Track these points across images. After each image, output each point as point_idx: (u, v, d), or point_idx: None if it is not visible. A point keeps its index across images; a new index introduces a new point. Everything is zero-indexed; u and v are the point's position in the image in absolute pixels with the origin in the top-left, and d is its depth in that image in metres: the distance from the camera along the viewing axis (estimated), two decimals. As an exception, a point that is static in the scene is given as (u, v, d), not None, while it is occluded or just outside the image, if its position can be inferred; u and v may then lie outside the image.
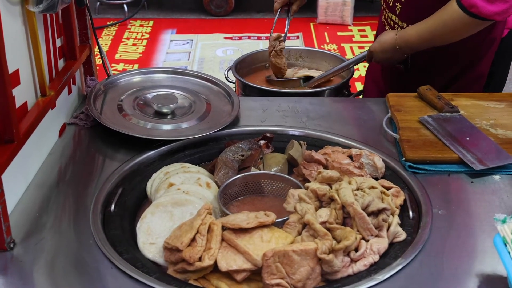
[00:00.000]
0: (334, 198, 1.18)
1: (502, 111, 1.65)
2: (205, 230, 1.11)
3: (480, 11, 1.58)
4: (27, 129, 1.27)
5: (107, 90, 1.73)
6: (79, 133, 1.60)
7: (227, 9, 5.68)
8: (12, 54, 1.21)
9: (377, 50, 1.84)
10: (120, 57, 4.80)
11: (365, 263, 1.13)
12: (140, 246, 1.19)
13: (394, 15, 1.83)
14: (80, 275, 1.11)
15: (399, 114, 1.62)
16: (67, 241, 1.20)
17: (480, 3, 1.57)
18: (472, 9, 1.58)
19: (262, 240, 1.11)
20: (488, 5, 1.57)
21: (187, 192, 1.29)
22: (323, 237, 1.09)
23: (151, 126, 1.58)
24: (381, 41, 1.82)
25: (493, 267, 1.11)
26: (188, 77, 1.84)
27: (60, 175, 1.42)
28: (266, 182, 1.37)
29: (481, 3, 1.57)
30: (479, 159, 1.41)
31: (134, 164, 1.45)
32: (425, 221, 1.24)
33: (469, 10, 1.59)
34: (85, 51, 1.71)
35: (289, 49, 2.24)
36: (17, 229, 1.21)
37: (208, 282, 1.10)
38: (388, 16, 1.87)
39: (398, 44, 1.76)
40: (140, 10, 5.65)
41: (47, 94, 1.42)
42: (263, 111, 1.72)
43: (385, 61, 1.86)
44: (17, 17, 1.29)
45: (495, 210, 1.27)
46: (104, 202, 1.32)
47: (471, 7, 1.58)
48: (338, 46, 4.98)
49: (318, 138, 1.57)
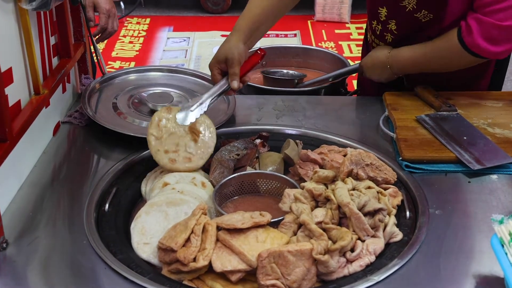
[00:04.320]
0: (330, 198, 1.17)
1: (500, 110, 1.64)
2: (199, 230, 1.10)
3: (483, 52, 1.52)
4: (21, 128, 1.26)
5: (102, 88, 1.72)
6: (73, 132, 1.59)
7: (224, 6, 5.67)
8: (5, 52, 1.20)
9: (368, 65, 1.76)
10: (117, 55, 4.78)
11: (361, 263, 1.12)
12: (134, 246, 1.18)
13: (382, 42, 1.74)
14: (73, 275, 1.10)
15: (396, 113, 1.61)
16: (60, 241, 1.19)
17: (483, 45, 1.50)
18: (474, 49, 1.51)
19: (257, 240, 1.10)
20: (492, 47, 1.50)
21: (182, 192, 1.28)
22: (319, 238, 1.09)
23: (146, 125, 1.57)
24: (373, 56, 1.74)
25: (490, 267, 1.10)
26: (184, 75, 1.83)
27: (54, 174, 1.41)
28: (261, 181, 1.36)
29: (484, 44, 1.49)
30: (477, 159, 1.40)
31: (128, 163, 1.44)
32: (421, 221, 1.24)
33: (471, 50, 1.52)
34: (80, 49, 1.70)
35: (285, 47, 2.23)
36: (10, 229, 1.20)
37: (203, 282, 1.09)
38: (372, 39, 1.78)
39: (389, 63, 1.67)
40: (136, 8, 5.63)
41: (41, 93, 1.40)
42: (259, 109, 1.71)
43: (374, 77, 1.77)
44: (9, 14, 1.28)
45: (492, 210, 1.26)
46: (98, 201, 1.31)
47: (472, 46, 1.51)
48: (336, 44, 4.98)
49: (314, 137, 1.56)
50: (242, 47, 1.51)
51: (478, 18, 1.49)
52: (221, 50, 1.52)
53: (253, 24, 1.56)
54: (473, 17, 1.50)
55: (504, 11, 1.46)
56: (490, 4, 1.47)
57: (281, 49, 2.25)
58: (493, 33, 1.49)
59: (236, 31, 1.55)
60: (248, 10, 1.59)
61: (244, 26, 1.55)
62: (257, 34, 1.58)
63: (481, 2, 1.48)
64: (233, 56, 1.49)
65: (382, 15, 1.66)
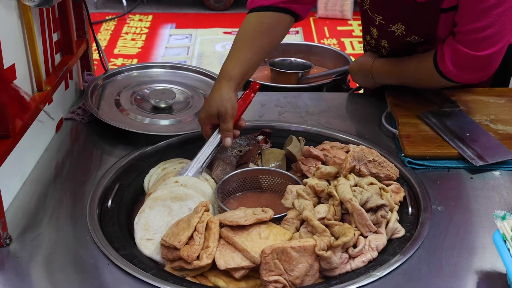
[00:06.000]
0: (333, 194, 1.17)
1: (503, 107, 1.64)
2: (202, 228, 1.10)
3: (456, 78, 1.50)
4: (23, 125, 1.26)
5: (104, 85, 1.72)
6: (76, 129, 1.59)
7: (226, 3, 5.67)
8: (7, 49, 1.20)
9: (354, 71, 1.77)
10: (119, 52, 4.78)
11: (363, 259, 1.12)
12: (137, 242, 1.18)
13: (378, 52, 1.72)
14: (76, 271, 1.10)
15: (398, 109, 1.61)
16: (64, 237, 1.19)
17: (455, 72, 1.48)
18: (447, 75, 1.49)
19: (260, 237, 1.10)
20: (464, 74, 1.49)
21: (185, 185, 1.28)
22: (322, 234, 1.09)
23: (148, 121, 1.57)
24: (359, 62, 1.75)
25: (492, 264, 1.10)
26: (186, 72, 1.83)
27: (57, 171, 1.41)
28: (264, 178, 1.36)
29: (456, 72, 1.48)
30: (479, 155, 1.40)
31: (131, 160, 1.44)
32: (424, 217, 1.24)
33: (444, 75, 1.50)
34: (82, 45, 1.70)
35: (288, 44, 2.22)
36: (13, 225, 1.20)
37: (206, 279, 1.09)
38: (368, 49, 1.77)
39: (372, 72, 1.68)
40: (139, 5, 5.64)
41: (44, 89, 1.40)
42: (261, 106, 1.71)
43: (360, 83, 1.80)
44: (12, 11, 1.28)
45: (495, 206, 1.26)
46: (101, 197, 1.31)
47: (446, 72, 1.49)
48: (338, 40, 4.97)
49: (316, 134, 1.56)
50: (234, 98, 1.36)
51: (453, 46, 1.46)
52: (212, 104, 1.36)
53: (245, 70, 1.41)
54: (449, 44, 1.48)
55: (479, 42, 1.43)
56: (466, 33, 1.44)
57: (284, 46, 2.24)
58: (466, 62, 1.47)
59: (227, 81, 1.37)
60: (237, 51, 1.43)
61: (237, 74, 1.39)
62: (246, 78, 1.44)
63: (458, 30, 1.45)
64: (226, 111, 1.34)
65: (374, 34, 1.66)
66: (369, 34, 1.68)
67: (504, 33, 1.43)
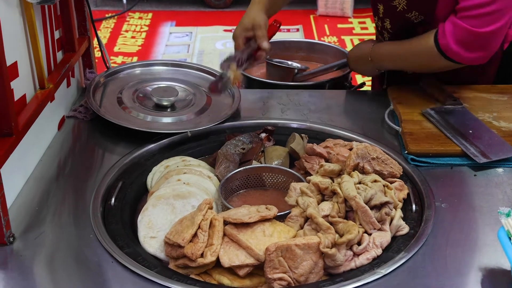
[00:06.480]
0: (337, 192, 1.17)
1: (505, 104, 1.64)
2: (206, 225, 1.10)
3: (455, 56, 1.49)
4: (26, 122, 1.26)
5: (106, 82, 1.72)
6: (78, 126, 1.59)
7: (227, 1, 5.66)
8: (10, 47, 1.20)
9: (352, 57, 1.78)
10: (119, 50, 4.78)
11: (367, 256, 1.12)
12: (141, 240, 1.18)
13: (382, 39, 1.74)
14: (80, 270, 1.10)
15: (401, 106, 1.61)
16: (67, 235, 1.19)
17: (456, 49, 1.47)
18: (447, 53, 1.49)
19: (264, 234, 1.10)
20: (464, 52, 1.48)
21: (188, 183, 1.28)
22: (326, 231, 1.08)
23: (151, 119, 1.57)
24: (359, 47, 1.76)
25: (496, 260, 1.10)
26: (188, 70, 1.83)
27: (59, 169, 1.41)
28: (267, 175, 1.36)
29: (457, 48, 1.47)
30: (482, 152, 1.40)
31: (134, 158, 1.44)
32: (428, 214, 1.23)
33: (444, 53, 1.49)
34: (84, 43, 1.70)
35: (289, 41, 2.22)
36: (16, 223, 1.20)
37: (210, 276, 1.09)
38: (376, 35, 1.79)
39: (371, 56, 1.68)
40: (139, 2, 5.62)
41: (46, 87, 1.40)
42: (264, 103, 1.70)
43: (358, 70, 1.79)
44: (14, 8, 1.28)
45: (499, 203, 1.26)
46: (104, 195, 1.31)
47: (446, 50, 1.49)
48: (339, 38, 4.96)
49: (319, 131, 1.56)
50: (264, 15, 1.60)
51: (454, 21, 1.47)
52: (246, 19, 1.60)
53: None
54: (451, 20, 1.48)
55: (480, 18, 1.44)
56: (468, 9, 1.45)
57: (285, 43, 2.24)
58: (466, 38, 1.47)
59: (257, 3, 1.63)
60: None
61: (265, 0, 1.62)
62: (275, 7, 1.66)
63: (460, 6, 1.46)
64: (260, 22, 1.58)
65: (380, 12, 1.67)
66: (376, 14, 1.71)
67: (505, 11, 1.45)
